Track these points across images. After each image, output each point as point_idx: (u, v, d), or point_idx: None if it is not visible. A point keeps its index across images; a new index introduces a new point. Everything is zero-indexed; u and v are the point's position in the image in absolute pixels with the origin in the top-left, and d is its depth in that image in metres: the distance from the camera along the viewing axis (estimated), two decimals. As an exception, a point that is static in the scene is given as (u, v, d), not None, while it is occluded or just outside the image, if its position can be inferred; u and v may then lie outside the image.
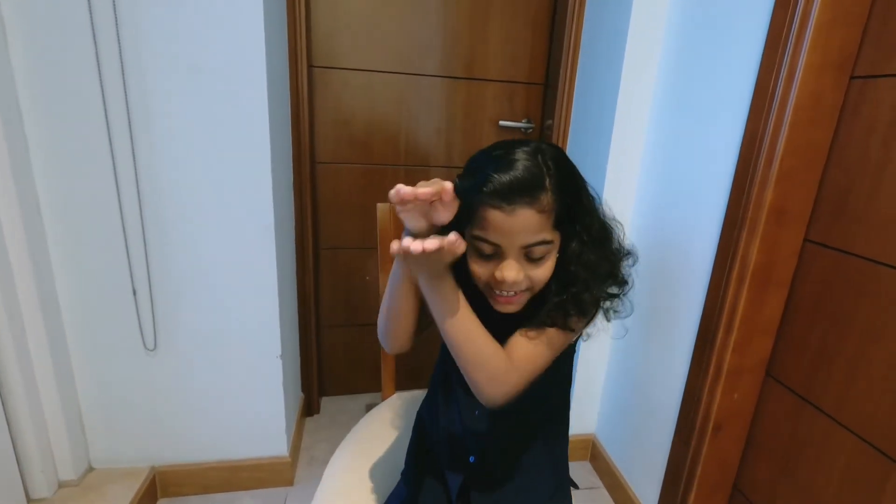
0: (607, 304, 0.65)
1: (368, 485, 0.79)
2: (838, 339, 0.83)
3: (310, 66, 1.42)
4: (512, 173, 0.53)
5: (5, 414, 1.02)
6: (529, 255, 0.58)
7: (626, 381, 1.35)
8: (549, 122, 1.52)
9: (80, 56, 0.96)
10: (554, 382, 0.72)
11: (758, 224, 0.88)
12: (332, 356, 1.73)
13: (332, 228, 1.59)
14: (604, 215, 0.64)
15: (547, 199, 0.55)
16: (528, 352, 0.62)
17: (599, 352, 1.42)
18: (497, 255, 0.58)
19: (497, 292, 0.60)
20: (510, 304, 0.61)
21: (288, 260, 1.37)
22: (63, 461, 1.14)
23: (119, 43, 0.97)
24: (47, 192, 1.02)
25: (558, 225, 0.57)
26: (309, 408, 1.65)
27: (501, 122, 1.57)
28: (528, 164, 0.54)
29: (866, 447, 0.78)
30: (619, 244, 0.65)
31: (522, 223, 0.55)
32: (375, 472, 0.82)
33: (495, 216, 0.54)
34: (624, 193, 1.28)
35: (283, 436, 1.30)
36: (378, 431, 0.93)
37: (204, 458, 1.27)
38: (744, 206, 0.90)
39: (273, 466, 1.31)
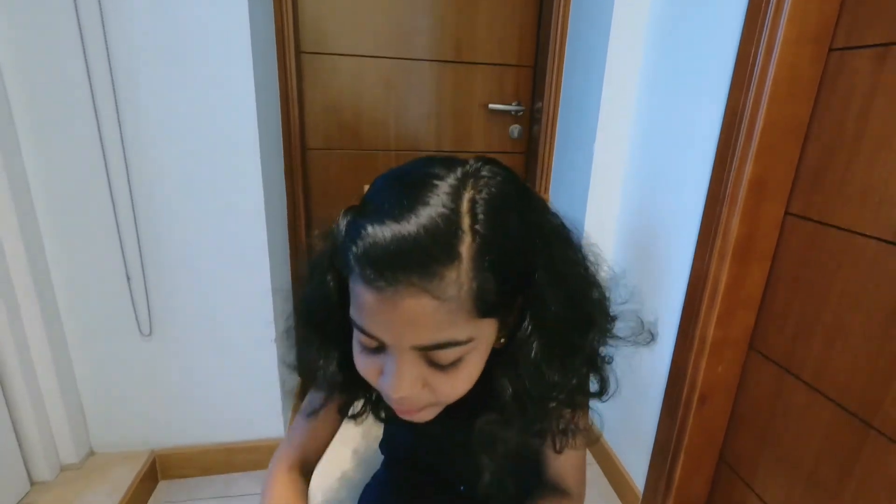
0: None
1: (356, 459, 0.82)
2: (817, 310, 0.85)
3: (299, 51, 1.42)
4: (399, 228, 0.33)
5: (5, 400, 1.04)
6: (431, 360, 0.38)
7: (617, 359, 1.37)
8: (539, 104, 1.52)
9: (67, 44, 0.96)
10: None
11: (738, 198, 0.89)
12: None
13: (324, 213, 1.60)
14: (584, 268, 0.47)
15: (456, 277, 0.34)
16: (580, 466, 0.57)
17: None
18: (384, 351, 0.39)
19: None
20: (414, 415, 0.42)
21: (280, 244, 1.38)
22: (64, 445, 1.17)
23: (104, 31, 0.97)
24: (38, 181, 1.03)
25: (487, 313, 0.37)
26: (305, 391, 1.67)
27: (491, 106, 1.58)
28: (436, 212, 0.34)
29: (843, 413, 0.80)
30: (601, 303, 0.49)
31: (410, 316, 0.35)
32: (366, 449, 0.84)
33: (368, 299, 0.35)
34: (613, 174, 1.29)
35: (279, 418, 1.33)
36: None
37: (202, 440, 1.30)
38: (725, 181, 0.91)
39: (269, 448, 1.33)
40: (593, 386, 0.52)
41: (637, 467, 1.25)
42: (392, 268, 0.33)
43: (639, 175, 1.23)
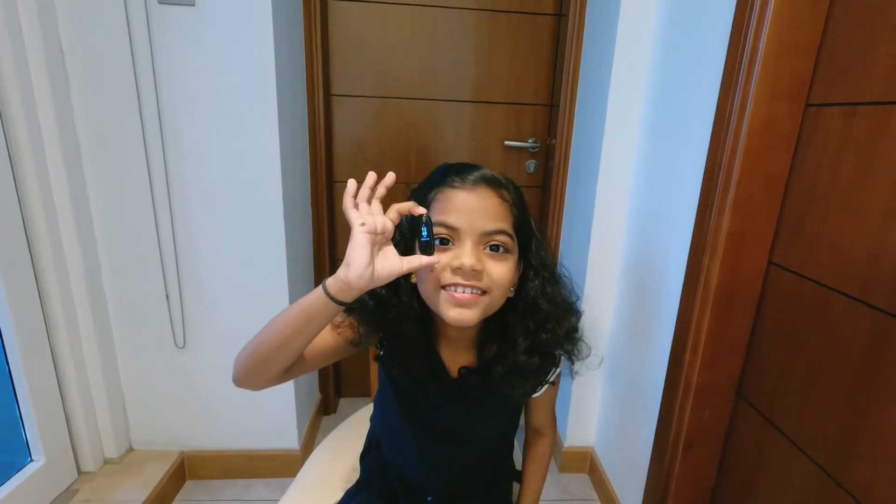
0: (568, 345, 0.66)
1: (342, 473, 0.89)
2: (795, 362, 0.84)
3: (329, 94, 1.56)
4: (475, 167, 0.58)
5: (62, 400, 1.22)
6: (489, 246, 0.56)
7: (616, 394, 1.37)
8: (553, 140, 1.57)
9: (124, 97, 1.14)
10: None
11: (718, 247, 0.91)
12: (349, 360, 1.85)
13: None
14: (555, 266, 0.65)
15: (507, 194, 0.57)
16: (553, 412, 0.80)
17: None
18: (454, 243, 0.56)
19: (451, 289, 0.55)
20: (464, 307, 0.55)
21: (303, 270, 1.51)
22: (108, 441, 1.33)
23: (155, 84, 1.14)
24: (97, 213, 1.21)
25: (517, 232, 0.58)
26: (325, 407, 1.78)
27: (507, 142, 1.64)
28: (490, 171, 0.58)
29: (817, 471, 0.79)
30: (570, 291, 0.67)
31: (483, 203, 0.55)
32: (352, 463, 0.92)
33: (455, 195, 0.55)
34: (615, 212, 1.32)
35: (294, 431, 1.44)
36: (365, 426, 1.03)
37: (226, 445, 1.43)
38: (706, 229, 0.93)
39: (285, 458, 1.44)
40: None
41: (632, 507, 1.24)
42: (474, 176, 0.56)
43: (638, 220, 1.25)
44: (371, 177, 0.52)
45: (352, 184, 0.52)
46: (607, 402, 1.45)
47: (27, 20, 1.02)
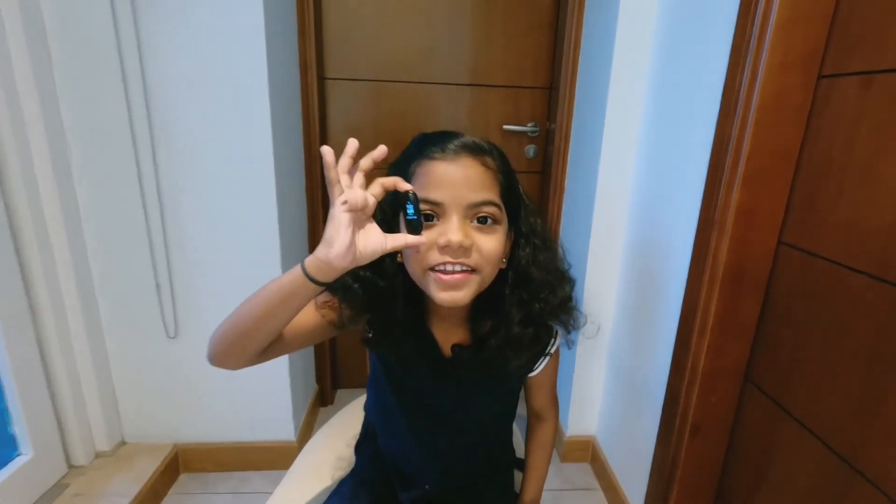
0: (563, 315, 0.63)
1: (337, 463, 0.86)
2: (806, 345, 0.81)
3: (322, 78, 1.52)
4: (454, 135, 0.53)
5: (50, 392, 1.18)
6: (477, 217, 0.52)
7: (620, 383, 1.35)
8: (553, 125, 1.54)
9: (110, 79, 1.09)
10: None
11: (726, 225, 0.87)
12: (347, 350, 1.82)
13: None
14: (548, 233, 0.62)
15: (491, 161, 0.53)
16: (555, 395, 0.77)
17: (596, 350, 1.43)
18: (439, 219, 0.52)
19: (440, 269, 0.52)
20: (455, 289, 0.52)
21: (297, 256, 1.47)
22: (99, 434, 1.30)
23: (142, 68, 1.10)
24: (84, 201, 1.17)
25: (505, 200, 0.54)
26: (323, 398, 1.75)
27: (505, 127, 1.61)
28: (471, 137, 0.54)
29: (830, 455, 0.76)
30: (562, 259, 0.64)
31: (467, 173, 0.51)
32: (347, 452, 0.89)
33: (436, 167, 0.51)
34: (618, 196, 1.29)
35: (290, 422, 1.41)
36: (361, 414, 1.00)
37: (221, 438, 1.40)
38: (714, 206, 0.90)
39: (281, 450, 1.41)
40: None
41: (636, 497, 1.22)
42: (454, 145, 0.52)
43: (643, 200, 1.22)
44: (352, 144, 0.46)
45: (329, 154, 0.45)
46: (609, 390, 1.42)
47: (5, 3, 0.98)
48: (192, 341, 1.30)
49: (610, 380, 1.42)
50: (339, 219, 0.45)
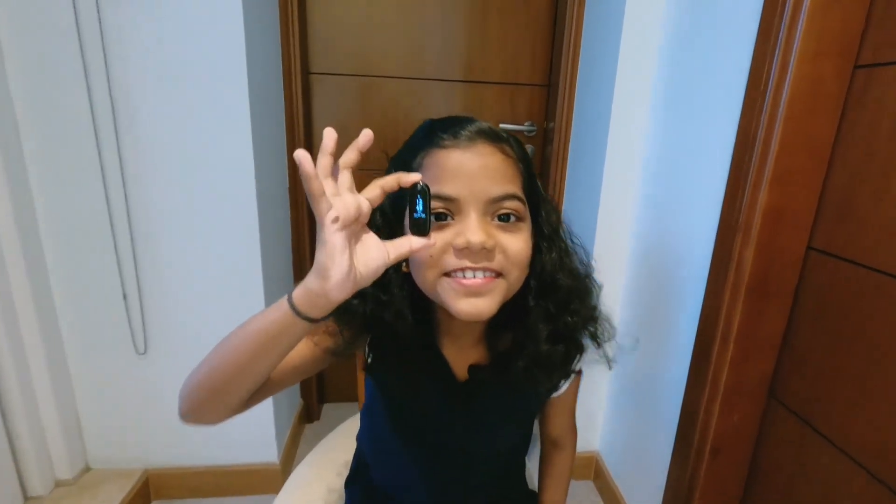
0: (592, 327, 0.55)
1: (326, 497, 0.77)
2: (842, 360, 0.74)
3: (307, 72, 1.42)
4: (467, 119, 0.46)
5: (2, 414, 1.06)
6: (498, 215, 0.45)
7: (627, 395, 1.27)
8: (551, 124, 1.46)
9: (69, 71, 0.99)
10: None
11: (752, 228, 0.80)
12: (334, 363, 1.72)
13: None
14: (567, 229, 0.55)
15: (510, 149, 0.46)
16: (573, 423, 0.71)
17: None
18: (453, 218, 0.44)
19: (458, 275, 0.44)
20: (477, 296, 0.44)
21: (280, 263, 1.37)
22: (60, 460, 1.17)
23: (105, 56, 0.99)
24: (41, 201, 1.05)
25: (527, 195, 0.46)
26: (308, 414, 1.64)
27: (501, 125, 1.52)
28: (486, 123, 0.47)
29: (870, 479, 0.69)
30: (584, 262, 0.55)
31: (485, 162, 0.43)
32: (336, 487, 0.80)
33: (448, 156, 0.43)
34: (624, 198, 1.21)
35: (273, 442, 1.30)
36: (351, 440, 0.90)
37: (195, 462, 1.28)
38: (738, 209, 0.82)
39: (261, 473, 1.30)
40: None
41: (647, 518, 1.14)
42: (469, 130, 0.44)
43: (652, 201, 1.15)
44: (329, 137, 0.37)
45: (306, 161, 0.34)
46: (614, 403, 1.34)
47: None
48: (163, 357, 1.19)
49: (614, 392, 1.34)
50: (332, 242, 0.36)
